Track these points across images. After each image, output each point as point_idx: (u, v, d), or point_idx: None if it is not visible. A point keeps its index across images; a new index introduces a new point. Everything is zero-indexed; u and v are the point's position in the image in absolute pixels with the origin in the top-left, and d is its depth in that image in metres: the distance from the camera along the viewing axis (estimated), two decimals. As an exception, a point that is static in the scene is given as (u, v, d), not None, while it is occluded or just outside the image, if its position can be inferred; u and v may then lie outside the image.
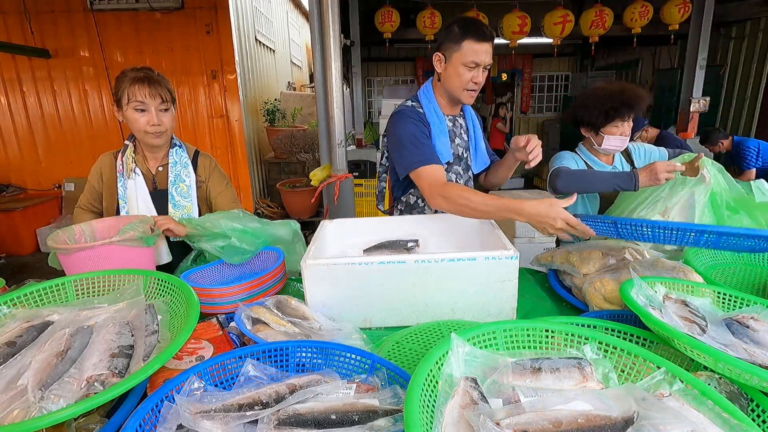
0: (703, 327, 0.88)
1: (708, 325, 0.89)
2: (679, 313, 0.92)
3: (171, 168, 1.59)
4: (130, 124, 1.49)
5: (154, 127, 1.48)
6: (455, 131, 1.67)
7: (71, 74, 4.88)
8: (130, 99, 1.45)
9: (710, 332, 0.88)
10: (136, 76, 1.46)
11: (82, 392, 0.70)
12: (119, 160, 1.56)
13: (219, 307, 1.18)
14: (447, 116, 1.65)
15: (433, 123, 1.59)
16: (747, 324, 0.88)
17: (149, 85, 1.45)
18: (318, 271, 1.12)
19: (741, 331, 0.87)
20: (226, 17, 4.76)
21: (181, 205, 1.59)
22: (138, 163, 1.58)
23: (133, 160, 1.57)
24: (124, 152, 1.56)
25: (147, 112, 1.47)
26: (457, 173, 1.71)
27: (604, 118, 1.68)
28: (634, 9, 4.50)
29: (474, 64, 1.47)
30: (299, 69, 9.07)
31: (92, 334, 0.86)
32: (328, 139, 2.69)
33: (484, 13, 4.67)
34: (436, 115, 1.60)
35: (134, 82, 1.45)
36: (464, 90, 1.53)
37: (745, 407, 0.68)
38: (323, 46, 2.49)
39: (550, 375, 0.67)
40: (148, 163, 1.60)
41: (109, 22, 4.72)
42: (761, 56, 5.13)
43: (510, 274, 1.12)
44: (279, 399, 0.69)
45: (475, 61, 1.46)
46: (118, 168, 1.56)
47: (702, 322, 0.89)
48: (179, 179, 1.59)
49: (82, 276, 1.09)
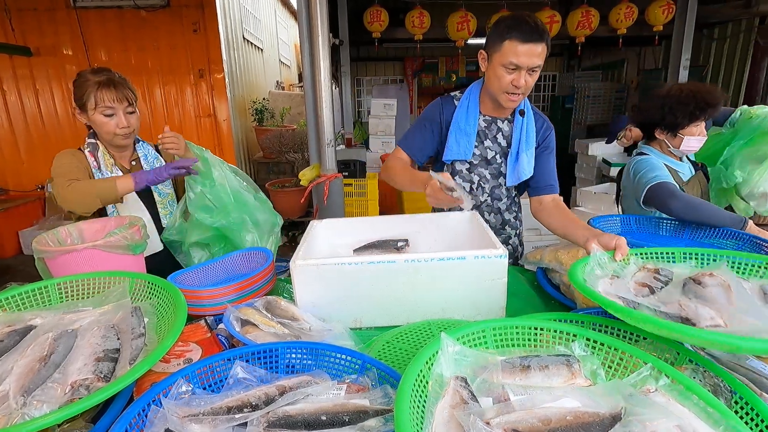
0: (655, 288, 0.88)
1: (664, 287, 0.89)
2: (640, 279, 0.93)
3: (143, 161, 1.64)
4: (98, 127, 1.52)
5: (123, 129, 1.52)
6: (488, 133, 1.60)
7: (54, 73, 4.79)
8: (98, 104, 1.47)
9: (661, 293, 0.88)
10: (100, 81, 1.47)
11: (66, 397, 0.69)
12: (92, 157, 1.55)
13: (207, 308, 1.17)
14: (484, 116, 1.59)
15: (459, 117, 1.56)
16: (700, 281, 0.88)
17: (115, 89, 1.48)
18: (308, 271, 1.11)
19: (692, 288, 0.87)
20: (213, 15, 4.70)
21: (164, 192, 1.67)
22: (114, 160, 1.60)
23: (111, 156, 1.59)
24: (95, 150, 1.55)
25: (115, 116, 1.50)
26: (482, 176, 1.64)
27: (689, 119, 1.65)
28: (620, 10, 4.55)
29: (514, 66, 1.35)
30: (288, 68, 9.01)
31: (77, 338, 0.84)
32: (317, 138, 2.68)
33: (473, 12, 4.69)
34: (466, 111, 1.56)
35: (100, 86, 1.46)
36: (503, 93, 1.43)
37: (729, 400, 0.70)
38: (312, 45, 2.48)
39: (539, 372, 0.68)
40: (118, 161, 1.62)
41: (93, 20, 4.63)
42: (742, 57, 5.24)
43: (499, 272, 1.12)
44: (269, 401, 0.69)
45: (515, 63, 1.34)
46: (92, 165, 1.55)
47: (657, 284, 0.90)
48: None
49: (66, 279, 1.07)
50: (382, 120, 5.08)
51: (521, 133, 1.56)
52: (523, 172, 1.58)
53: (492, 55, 1.41)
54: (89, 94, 1.46)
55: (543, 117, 1.63)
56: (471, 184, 1.66)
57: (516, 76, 1.38)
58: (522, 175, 1.59)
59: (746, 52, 5.19)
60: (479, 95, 1.58)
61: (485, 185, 1.66)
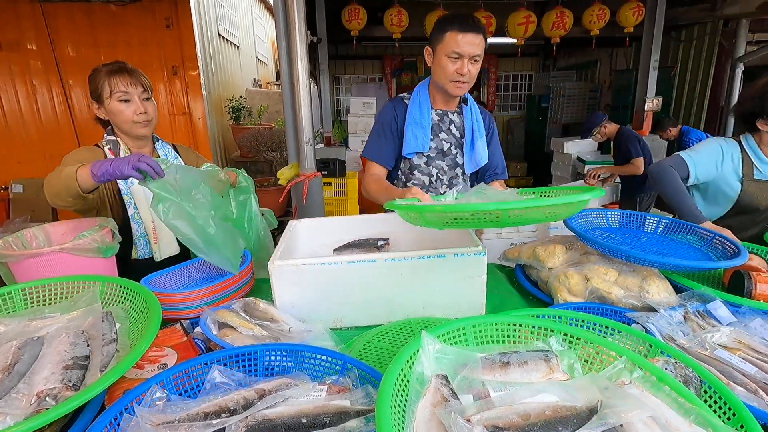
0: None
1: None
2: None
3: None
4: (115, 116, 1.45)
5: (141, 116, 1.45)
6: (441, 126, 1.70)
7: (17, 69, 4.58)
8: (113, 90, 1.41)
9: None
10: (112, 69, 1.43)
11: (31, 408, 0.66)
12: (112, 155, 1.47)
13: (183, 312, 1.14)
14: (436, 110, 1.69)
15: (412, 114, 1.66)
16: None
17: (129, 75, 1.43)
18: (287, 272, 1.10)
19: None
20: (186, 11, 4.58)
21: None
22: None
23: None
24: (116, 148, 1.48)
25: (131, 102, 1.44)
26: (440, 168, 1.72)
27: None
28: (593, 11, 4.67)
29: (457, 55, 1.48)
30: (265, 65, 8.87)
31: (43, 346, 0.80)
32: (296, 137, 2.65)
33: (450, 12, 4.73)
34: (419, 106, 1.66)
35: (112, 73, 1.42)
36: (450, 82, 1.54)
37: (698, 390, 0.72)
38: (289, 43, 2.45)
39: (518, 368, 0.68)
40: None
41: (59, 14, 4.45)
42: (707, 58, 5.46)
43: (479, 270, 1.13)
44: (247, 405, 0.68)
45: (457, 51, 1.47)
46: None
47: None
48: None
49: (32, 284, 1.02)
50: (362, 118, 5.07)
51: (472, 122, 1.70)
52: (481, 159, 1.70)
53: (436, 48, 1.54)
54: (103, 82, 1.41)
55: (485, 110, 1.78)
56: (430, 177, 1.74)
57: (460, 65, 1.50)
58: (480, 161, 1.71)
59: (711, 54, 5.40)
60: (428, 92, 1.69)
61: (443, 177, 1.74)
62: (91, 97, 1.47)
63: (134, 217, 1.50)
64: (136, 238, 1.51)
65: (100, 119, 1.52)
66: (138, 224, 1.50)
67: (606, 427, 0.55)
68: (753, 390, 0.77)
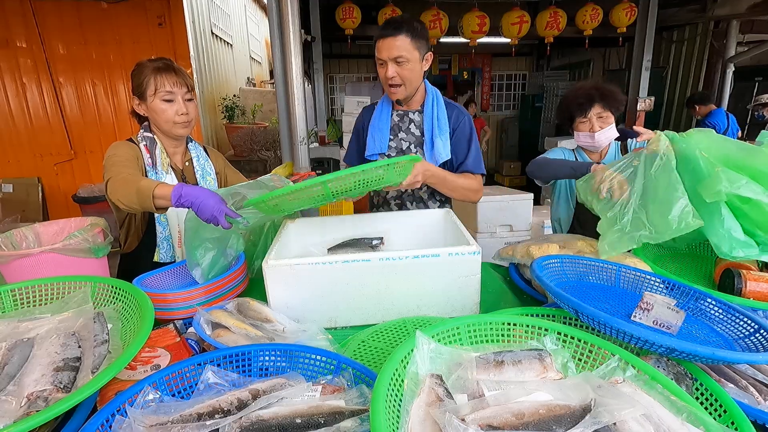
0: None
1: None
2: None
3: (195, 162, 1.58)
4: (157, 115, 1.43)
5: (182, 117, 1.44)
6: (401, 126, 1.73)
7: (6, 66, 4.51)
8: (158, 89, 1.39)
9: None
10: (158, 66, 1.41)
11: (21, 411, 0.65)
12: (147, 153, 1.45)
13: (176, 312, 1.13)
14: (397, 111, 1.73)
15: (374, 117, 1.73)
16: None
17: (175, 74, 1.41)
18: (281, 271, 1.09)
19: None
20: (179, 9, 4.54)
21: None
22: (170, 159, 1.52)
23: (167, 155, 1.50)
24: (152, 146, 1.46)
25: (174, 102, 1.42)
26: None
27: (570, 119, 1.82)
28: (586, 12, 4.69)
29: (381, 61, 1.53)
30: (259, 64, 8.82)
31: (33, 347, 0.79)
32: (290, 136, 2.64)
33: (445, 11, 4.73)
34: (380, 110, 1.73)
35: (158, 71, 1.40)
36: (387, 86, 1.59)
37: (690, 387, 0.73)
38: (283, 42, 2.43)
39: (512, 367, 0.69)
40: (173, 158, 1.53)
41: (49, 11, 4.39)
42: (698, 58, 5.51)
43: (473, 269, 1.13)
44: (241, 406, 0.67)
45: (380, 58, 1.52)
46: (147, 162, 1.45)
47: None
48: (206, 173, 1.59)
49: (22, 284, 1.01)
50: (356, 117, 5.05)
51: (432, 119, 1.69)
52: (440, 156, 1.69)
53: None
54: (148, 79, 1.39)
55: (456, 106, 1.75)
56: None
57: (385, 69, 1.53)
58: (439, 158, 1.70)
59: (702, 54, 5.46)
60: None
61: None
62: (133, 93, 1.45)
63: (160, 219, 1.48)
64: (159, 240, 1.49)
65: (137, 114, 1.50)
66: (163, 227, 1.49)
67: (599, 426, 0.55)
68: (743, 387, 0.78)
